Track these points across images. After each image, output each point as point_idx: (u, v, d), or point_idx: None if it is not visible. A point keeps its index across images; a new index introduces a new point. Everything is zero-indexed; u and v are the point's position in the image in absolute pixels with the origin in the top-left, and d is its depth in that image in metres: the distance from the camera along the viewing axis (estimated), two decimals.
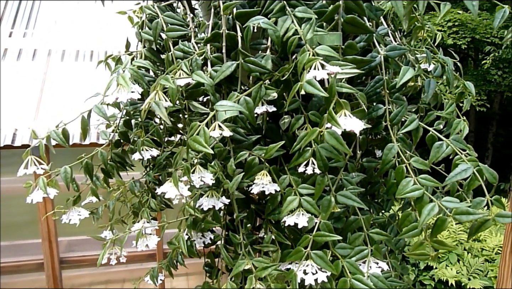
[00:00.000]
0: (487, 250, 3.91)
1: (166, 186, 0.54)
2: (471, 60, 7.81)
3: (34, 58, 2.60)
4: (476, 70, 6.83)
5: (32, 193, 0.68)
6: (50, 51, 2.63)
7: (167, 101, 0.52)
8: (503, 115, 8.09)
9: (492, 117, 7.65)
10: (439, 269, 3.71)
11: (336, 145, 0.48)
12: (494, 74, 6.54)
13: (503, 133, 8.09)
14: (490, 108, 7.12)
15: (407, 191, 0.58)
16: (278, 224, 0.69)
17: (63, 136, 0.60)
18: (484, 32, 6.13)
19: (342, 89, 0.49)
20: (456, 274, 3.63)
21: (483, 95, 6.44)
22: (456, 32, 6.04)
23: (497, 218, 0.54)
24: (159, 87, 0.51)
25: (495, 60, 6.45)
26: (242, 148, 0.60)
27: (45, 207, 2.28)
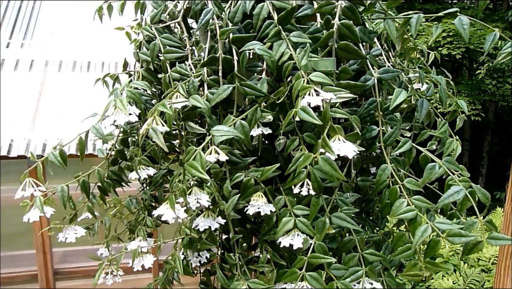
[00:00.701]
0: (483, 260, 3.91)
1: (162, 208, 0.55)
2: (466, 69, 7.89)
3: (31, 69, 2.60)
4: (470, 80, 6.90)
5: (28, 212, 0.68)
6: (48, 62, 2.64)
7: (164, 126, 0.52)
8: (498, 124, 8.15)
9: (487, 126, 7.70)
10: (436, 280, 3.71)
11: (330, 171, 0.49)
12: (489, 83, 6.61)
13: (498, 142, 8.14)
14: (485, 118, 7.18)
15: (401, 212, 0.59)
16: (273, 243, 0.69)
17: (61, 158, 0.61)
18: (478, 42, 6.19)
19: (336, 114, 0.50)
20: (452, 284, 3.63)
21: (477, 104, 6.49)
22: (451, 42, 6.10)
23: (489, 240, 0.55)
24: (156, 113, 0.51)
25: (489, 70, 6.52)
26: (238, 169, 0.61)
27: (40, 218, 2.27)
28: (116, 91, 0.60)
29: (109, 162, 0.78)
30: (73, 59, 2.67)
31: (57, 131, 2.24)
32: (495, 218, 4.71)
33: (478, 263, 3.91)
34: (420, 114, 0.75)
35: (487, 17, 6.49)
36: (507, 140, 8.23)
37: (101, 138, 0.62)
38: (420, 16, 0.67)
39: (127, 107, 0.55)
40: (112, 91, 0.63)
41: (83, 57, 2.68)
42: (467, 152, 7.42)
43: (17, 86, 2.50)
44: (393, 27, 0.67)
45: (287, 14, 0.58)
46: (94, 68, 2.65)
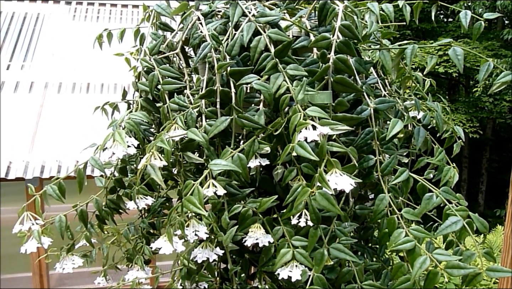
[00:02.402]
0: (485, 279, 3.87)
1: (160, 242, 0.55)
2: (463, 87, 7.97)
3: (31, 91, 2.62)
4: (467, 97, 6.95)
5: (26, 243, 0.68)
6: (47, 84, 2.66)
7: (162, 160, 0.53)
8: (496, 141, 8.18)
9: (485, 143, 7.73)
10: None
11: (327, 206, 0.49)
12: (486, 101, 6.66)
13: (497, 159, 8.16)
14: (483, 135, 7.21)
15: (399, 242, 0.59)
16: (272, 273, 0.69)
17: (59, 192, 0.61)
18: (474, 61, 6.27)
19: (332, 148, 0.50)
20: None
21: (475, 122, 6.53)
22: (447, 60, 6.17)
23: (488, 272, 0.55)
24: (154, 148, 0.52)
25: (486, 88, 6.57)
26: (236, 200, 0.61)
27: None
28: (115, 123, 0.60)
29: (107, 190, 0.78)
30: (73, 81, 2.69)
31: (56, 153, 2.24)
32: (496, 236, 4.68)
33: (480, 283, 3.87)
34: (417, 142, 0.75)
35: (483, 36, 6.59)
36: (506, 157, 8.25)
37: (99, 170, 0.62)
38: (414, 47, 0.68)
39: (125, 140, 0.55)
40: (111, 123, 0.63)
41: (83, 79, 2.71)
42: (466, 169, 7.43)
43: (16, 108, 2.51)
44: (388, 57, 0.69)
45: (284, 47, 0.60)
46: (94, 90, 2.67)
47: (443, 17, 8.16)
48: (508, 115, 7.05)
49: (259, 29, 0.63)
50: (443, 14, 8.02)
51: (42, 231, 0.69)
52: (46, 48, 2.91)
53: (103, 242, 0.85)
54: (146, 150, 0.52)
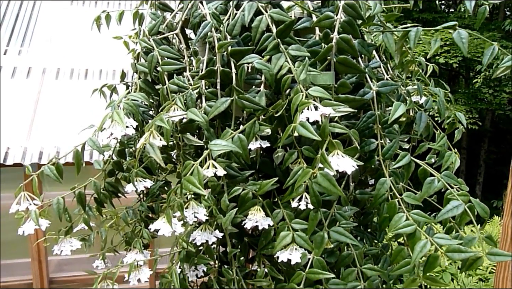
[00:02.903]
0: (481, 269, 3.89)
1: (159, 223, 0.54)
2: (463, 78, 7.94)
3: (29, 76, 2.60)
4: (467, 89, 6.93)
5: (23, 225, 0.67)
6: (45, 69, 2.63)
7: (161, 140, 0.52)
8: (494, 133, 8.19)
9: (484, 134, 7.73)
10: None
11: (328, 187, 0.49)
12: (485, 92, 6.65)
13: (495, 150, 8.17)
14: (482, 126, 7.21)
15: (399, 226, 0.58)
16: (271, 257, 0.69)
17: (57, 172, 0.60)
18: (475, 51, 6.24)
19: (334, 129, 0.50)
20: None
21: (474, 113, 6.52)
22: (448, 51, 6.14)
23: (488, 256, 0.54)
24: (153, 127, 0.51)
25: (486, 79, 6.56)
26: (236, 182, 0.60)
27: None
28: (113, 104, 0.59)
29: (105, 173, 0.77)
30: (71, 67, 2.66)
31: (54, 139, 2.23)
32: (493, 227, 4.71)
33: (476, 272, 3.90)
34: (418, 127, 0.74)
35: (484, 27, 6.54)
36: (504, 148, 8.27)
37: (98, 151, 0.61)
38: (418, 29, 0.67)
39: (124, 120, 0.54)
40: (109, 103, 0.62)
41: (81, 65, 2.68)
42: (464, 160, 7.44)
43: (14, 93, 2.49)
44: (391, 40, 0.67)
45: (286, 27, 0.58)
46: (92, 75, 2.65)
47: (445, 7, 8.10)
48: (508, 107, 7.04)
49: (260, 9, 0.61)
50: (445, 4, 7.96)
51: (40, 213, 0.69)
52: (44, 34, 2.87)
53: (101, 226, 0.85)
54: (145, 129, 0.52)
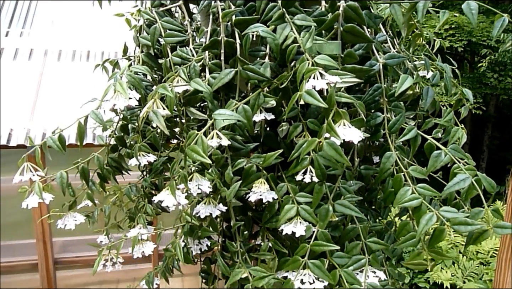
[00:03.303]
0: (482, 253, 3.92)
1: (163, 194, 0.54)
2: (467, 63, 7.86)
3: (31, 58, 2.58)
4: (472, 73, 6.86)
5: (27, 198, 0.67)
6: (47, 51, 2.61)
7: (164, 109, 0.51)
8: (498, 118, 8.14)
9: (487, 120, 7.69)
10: (434, 272, 3.72)
11: (335, 156, 0.48)
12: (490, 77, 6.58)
13: (498, 136, 8.13)
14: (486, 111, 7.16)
15: (405, 200, 0.58)
16: (275, 231, 0.68)
17: (60, 143, 0.59)
18: (481, 35, 6.16)
19: (341, 98, 0.49)
20: (451, 277, 3.64)
21: (479, 98, 6.47)
22: (453, 35, 6.07)
23: (495, 229, 0.54)
24: (157, 96, 0.50)
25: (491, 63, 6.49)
26: (240, 155, 0.59)
27: (40, 207, 2.27)
28: (116, 75, 0.58)
29: (108, 149, 0.77)
30: (73, 49, 2.64)
31: (56, 120, 2.22)
32: None
33: (477, 256, 3.92)
34: (425, 102, 0.73)
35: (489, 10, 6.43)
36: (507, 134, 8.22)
37: (100, 124, 0.60)
38: (427, 1, 0.65)
39: (127, 91, 0.53)
40: (111, 76, 0.61)
41: (83, 47, 2.66)
42: (467, 146, 7.41)
43: (16, 75, 2.48)
44: (399, 12, 0.66)
45: None
46: (94, 57, 2.62)
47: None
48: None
49: None
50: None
51: (43, 188, 0.68)
52: (45, 15, 2.84)
53: (105, 202, 0.85)
54: (148, 97, 0.51)
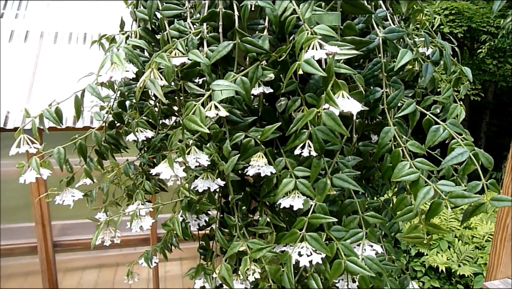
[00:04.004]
0: (477, 237, 3.96)
1: (161, 167, 0.54)
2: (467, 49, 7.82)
3: (27, 40, 2.55)
4: (471, 60, 6.84)
5: (25, 173, 0.67)
6: (43, 33, 2.58)
7: (162, 80, 0.51)
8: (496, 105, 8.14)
9: (486, 106, 7.69)
10: (430, 256, 3.76)
11: (333, 126, 0.48)
12: (489, 63, 6.56)
13: (496, 122, 8.14)
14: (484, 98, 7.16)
15: (403, 174, 0.58)
16: (273, 207, 0.69)
17: (56, 116, 0.59)
18: (481, 21, 6.11)
19: (340, 70, 0.48)
20: (446, 260, 3.68)
21: (477, 84, 6.47)
22: (453, 20, 6.02)
23: (492, 202, 0.54)
24: (154, 65, 0.50)
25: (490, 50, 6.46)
26: (238, 129, 0.59)
27: (38, 190, 2.27)
28: (113, 47, 0.58)
29: (106, 126, 0.77)
30: (69, 31, 2.61)
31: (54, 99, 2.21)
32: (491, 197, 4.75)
33: (472, 240, 3.97)
34: (424, 79, 0.73)
35: None
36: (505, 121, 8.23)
37: (97, 97, 0.60)
38: None
39: (124, 63, 0.53)
40: (107, 49, 0.60)
41: (79, 29, 2.63)
42: None
43: (12, 57, 2.45)
44: None
45: None
46: (91, 40, 2.59)
47: None
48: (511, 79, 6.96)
49: None
50: None
51: (40, 163, 0.68)
52: None
53: (103, 179, 0.85)
54: (146, 67, 0.50)
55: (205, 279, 0.69)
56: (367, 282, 0.58)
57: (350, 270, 0.54)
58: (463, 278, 3.59)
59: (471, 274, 3.55)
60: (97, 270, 2.97)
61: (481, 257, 3.73)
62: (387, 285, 0.71)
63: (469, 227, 4.14)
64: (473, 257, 3.76)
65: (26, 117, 0.58)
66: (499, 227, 1.27)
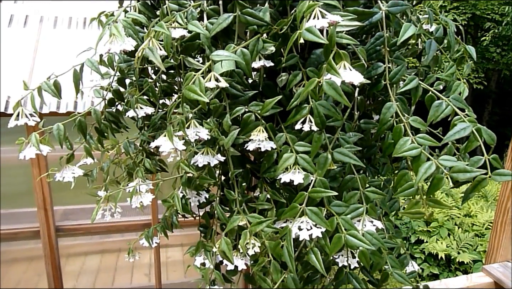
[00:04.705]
0: (477, 225, 3.98)
1: (160, 139, 0.53)
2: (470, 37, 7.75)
3: (26, 25, 2.53)
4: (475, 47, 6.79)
5: (24, 150, 0.67)
6: (42, 18, 2.56)
7: (161, 50, 0.50)
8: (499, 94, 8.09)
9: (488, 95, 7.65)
10: (430, 243, 3.78)
11: (335, 96, 0.47)
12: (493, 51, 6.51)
13: (498, 112, 8.11)
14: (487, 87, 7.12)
15: (404, 149, 0.57)
16: (273, 184, 0.69)
17: (55, 88, 0.58)
18: (485, 8, 6.05)
19: (342, 40, 0.48)
20: (446, 248, 3.70)
21: (480, 72, 6.42)
22: (457, 7, 5.96)
23: (494, 176, 0.54)
24: (152, 34, 0.49)
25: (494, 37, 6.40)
26: (238, 103, 0.59)
27: (40, 175, 2.27)
28: (111, 20, 0.57)
29: (105, 103, 0.76)
30: (69, 15, 2.59)
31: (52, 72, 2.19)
32: (491, 185, 4.76)
33: (472, 228, 3.98)
34: (427, 57, 0.72)
35: None
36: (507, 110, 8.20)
37: (96, 71, 0.59)
38: None
39: (122, 34, 0.52)
40: (106, 22, 0.60)
41: (79, 14, 2.61)
42: None
43: (12, 42, 2.44)
44: None
45: None
46: (91, 25, 2.57)
47: None
48: None
49: None
50: None
51: (40, 140, 0.68)
52: None
53: (103, 159, 0.84)
54: (144, 37, 0.50)
55: (205, 256, 0.70)
56: (367, 257, 0.58)
57: (350, 244, 0.54)
58: (462, 265, 3.61)
59: (470, 261, 3.57)
60: (100, 255, 2.99)
61: (480, 244, 3.75)
62: (387, 263, 0.72)
63: (469, 214, 4.15)
64: (472, 245, 3.77)
65: (25, 90, 0.58)
66: (500, 211, 1.27)
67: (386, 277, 0.71)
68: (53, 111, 2.12)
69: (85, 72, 0.69)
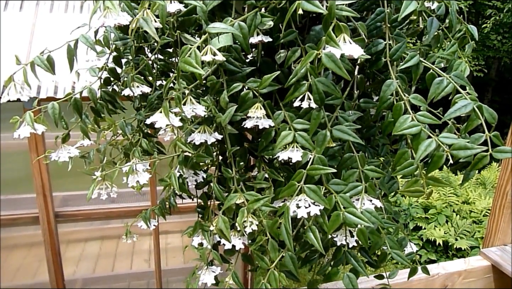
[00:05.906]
0: (475, 212, 3.99)
1: (156, 116, 0.52)
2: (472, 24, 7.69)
3: (22, 9, 2.50)
4: None
5: (19, 128, 0.66)
6: (38, 2, 2.53)
7: (156, 21, 0.49)
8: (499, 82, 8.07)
9: (488, 84, 7.63)
10: (428, 230, 3.80)
11: (334, 69, 0.46)
12: (494, 39, 6.47)
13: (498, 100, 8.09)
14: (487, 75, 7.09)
15: (404, 127, 0.56)
16: (271, 163, 0.68)
17: (48, 63, 0.57)
18: None
19: (342, 12, 0.46)
20: (443, 234, 3.72)
21: (481, 60, 6.39)
22: None
23: (495, 154, 0.53)
24: (147, 4, 0.48)
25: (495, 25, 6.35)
26: (236, 80, 0.58)
27: (39, 162, 2.27)
28: None
29: (101, 82, 0.75)
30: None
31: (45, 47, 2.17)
32: (490, 172, 4.77)
33: (470, 215, 4.00)
34: (429, 35, 0.71)
35: None
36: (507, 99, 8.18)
37: (90, 47, 0.58)
38: None
39: (117, 7, 0.51)
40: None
41: None
42: None
43: (8, 26, 2.41)
44: None
45: None
46: (88, 9, 2.54)
47: None
48: None
49: None
50: None
51: (35, 119, 0.67)
52: None
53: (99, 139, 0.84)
54: (139, 9, 0.48)
55: (203, 236, 0.69)
56: (366, 235, 0.58)
57: (349, 222, 0.53)
58: (459, 251, 3.64)
59: (468, 247, 3.60)
60: (99, 242, 3.00)
61: (478, 231, 3.77)
62: (386, 243, 0.71)
63: (467, 202, 4.17)
64: (470, 231, 3.80)
65: (17, 64, 0.57)
66: (499, 194, 1.26)
67: (384, 257, 0.71)
68: (51, 96, 2.11)
69: (81, 54, 0.68)
